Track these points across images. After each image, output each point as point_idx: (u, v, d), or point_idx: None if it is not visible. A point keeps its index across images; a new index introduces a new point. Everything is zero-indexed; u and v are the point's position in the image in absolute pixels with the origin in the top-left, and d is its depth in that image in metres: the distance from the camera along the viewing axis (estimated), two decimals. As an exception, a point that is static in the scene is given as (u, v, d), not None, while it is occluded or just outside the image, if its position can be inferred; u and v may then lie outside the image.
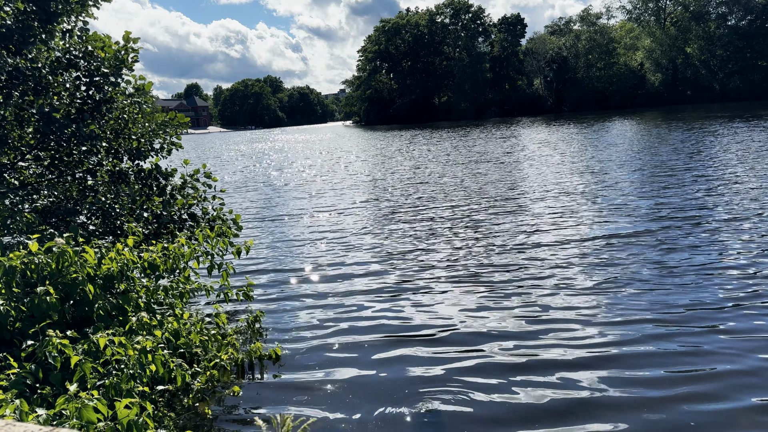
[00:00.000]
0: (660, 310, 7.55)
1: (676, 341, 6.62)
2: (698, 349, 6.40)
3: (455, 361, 6.45)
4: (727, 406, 5.27)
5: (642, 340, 6.68)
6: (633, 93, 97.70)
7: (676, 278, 8.72)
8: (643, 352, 6.41)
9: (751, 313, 7.26)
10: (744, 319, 7.10)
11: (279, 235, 14.28)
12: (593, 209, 14.47)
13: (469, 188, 19.68)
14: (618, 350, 6.47)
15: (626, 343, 6.64)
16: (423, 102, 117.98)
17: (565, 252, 10.61)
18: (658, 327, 7.03)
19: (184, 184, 9.10)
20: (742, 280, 8.47)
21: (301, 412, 5.50)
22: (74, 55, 8.01)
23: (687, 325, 7.05)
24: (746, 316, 7.18)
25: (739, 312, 7.34)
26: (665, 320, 7.22)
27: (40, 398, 4.43)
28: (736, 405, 5.27)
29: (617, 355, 6.36)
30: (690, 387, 5.61)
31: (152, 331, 5.54)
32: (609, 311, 7.62)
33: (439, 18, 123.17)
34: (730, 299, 7.77)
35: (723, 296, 7.90)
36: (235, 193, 23.29)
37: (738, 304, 7.60)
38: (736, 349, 6.35)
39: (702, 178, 18.02)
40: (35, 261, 5.31)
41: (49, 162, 8.41)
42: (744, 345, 6.43)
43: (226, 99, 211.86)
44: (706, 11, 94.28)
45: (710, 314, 7.34)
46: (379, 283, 9.54)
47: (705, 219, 12.43)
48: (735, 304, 7.61)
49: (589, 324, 7.25)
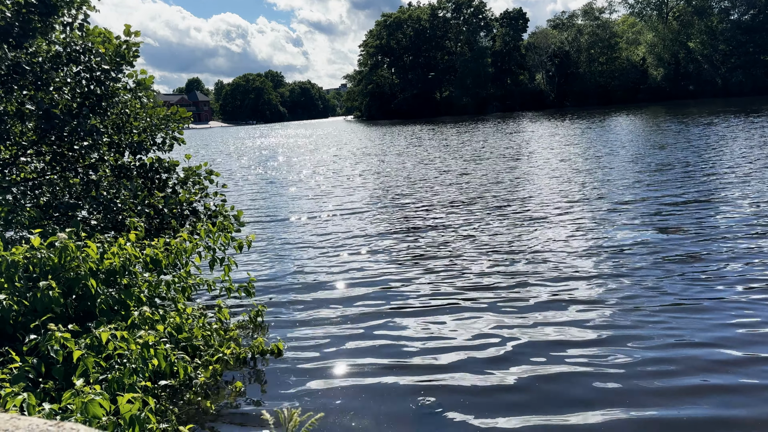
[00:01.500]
0: (683, 322, 7.53)
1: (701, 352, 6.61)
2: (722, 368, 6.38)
3: (460, 359, 6.44)
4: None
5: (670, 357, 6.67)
6: (635, 88, 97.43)
7: (698, 287, 8.70)
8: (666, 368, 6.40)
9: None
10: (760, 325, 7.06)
11: (282, 231, 14.28)
12: (624, 216, 14.44)
13: (484, 189, 19.66)
14: (627, 358, 6.46)
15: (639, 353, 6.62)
16: (424, 97, 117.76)
17: (581, 263, 10.59)
18: (680, 341, 7.02)
19: (186, 177, 9.10)
20: (758, 282, 8.45)
21: (306, 407, 5.50)
22: (75, 49, 8.00)
23: (709, 334, 7.04)
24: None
25: (756, 316, 7.31)
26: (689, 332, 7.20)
27: (43, 392, 4.44)
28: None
29: (626, 362, 6.36)
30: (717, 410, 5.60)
31: (155, 325, 5.54)
32: (622, 319, 7.61)
33: (440, 12, 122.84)
34: (746, 304, 7.74)
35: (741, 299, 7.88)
36: (236, 189, 23.28)
37: (755, 307, 7.56)
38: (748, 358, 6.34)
39: (714, 176, 17.98)
40: (38, 256, 5.31)
41: (50, 157, 8.41)
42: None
43: (228, 94, 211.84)
44: (709, 6, 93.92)
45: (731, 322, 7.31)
46: (384, 280, 9.53)
47: (719, 222, 12.41)
48: (750, 307, 7.58)
49: (601, 334, 7.24)
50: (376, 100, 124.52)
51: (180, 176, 9.20)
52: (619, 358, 6.15)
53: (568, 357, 6.26)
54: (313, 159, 35.51)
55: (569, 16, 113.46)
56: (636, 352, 6.26)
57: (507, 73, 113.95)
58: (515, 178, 20.15)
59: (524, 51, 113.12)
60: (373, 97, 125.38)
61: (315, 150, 43.72)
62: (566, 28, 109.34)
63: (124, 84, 8.77)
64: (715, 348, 6.28)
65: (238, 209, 9.10)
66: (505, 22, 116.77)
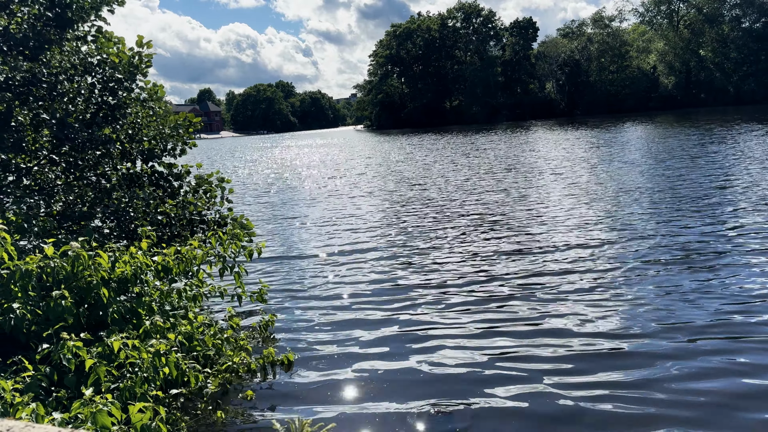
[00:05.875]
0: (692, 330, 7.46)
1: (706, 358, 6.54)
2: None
3: (471, 368, 6.39)
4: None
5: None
6: (646, 96, 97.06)
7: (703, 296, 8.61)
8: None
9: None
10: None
11: (293, 240, 14.30)
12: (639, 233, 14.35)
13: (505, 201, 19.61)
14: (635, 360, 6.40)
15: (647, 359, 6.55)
16: (434, 106, 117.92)
17: (589, 274, 10.52)
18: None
19: (198, 185, 9.14)
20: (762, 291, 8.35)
21: (317, 418, 5.48)
22: (89, 61, 8.09)
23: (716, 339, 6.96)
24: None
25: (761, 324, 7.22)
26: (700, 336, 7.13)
27: (55, 401, 4.45)
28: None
29: (633, 363, 6.29)
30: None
31: (166, 334, 5.55)
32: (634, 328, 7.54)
33: (450, 22, 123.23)
34: (752, 312, 7.66)
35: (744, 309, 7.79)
36: (251, 197, 23.37)
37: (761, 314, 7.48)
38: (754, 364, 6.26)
39: (730, 188, 17.84)
40: (51, 265, 5.34)
41: (64, 167, 8.49)
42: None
43: (239, 104, 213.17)
44: (720, 13, 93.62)
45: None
46: (395, 290, 9.50)
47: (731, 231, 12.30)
48: (757, 317, 7.49)
49: (607, 339, 7.18)
50: (386, 109, 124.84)
51: (192, 184, 9.25)
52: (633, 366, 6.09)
53: (582, 365, 6.20)
54: (326, 169, 35.61)
55: (579, 24, 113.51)
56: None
57: (517, 82, 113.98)
58: (525, 193, 20.10)
59: (534, 60, 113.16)
60: (383, 106, 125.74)
61: (325, 161, 43.85)
62: (576, 36, 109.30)
63: (137, 94, 8.85)
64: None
65: (247, 218, 9.12)
66: (515, 31, 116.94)
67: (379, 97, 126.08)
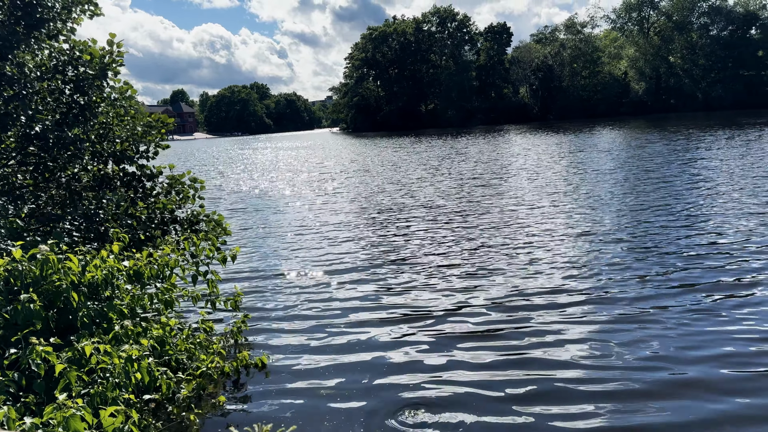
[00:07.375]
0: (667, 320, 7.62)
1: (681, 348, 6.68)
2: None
3: (447, 372, 6.44)
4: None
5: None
6: (618, 101, 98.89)
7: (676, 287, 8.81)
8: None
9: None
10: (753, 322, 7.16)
11: (267, 243, 14.22)
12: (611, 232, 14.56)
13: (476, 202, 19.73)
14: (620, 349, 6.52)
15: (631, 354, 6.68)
16: (410, 109, 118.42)
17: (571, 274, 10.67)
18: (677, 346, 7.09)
19: (170, 186, 9.03)
20: (741, 276, 8.57)
21: (287, 421, 5.47)
22: (61, 61, 7.96)
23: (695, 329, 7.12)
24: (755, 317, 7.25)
25: (746, 314, 7.41)
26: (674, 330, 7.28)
27: (23, 407, 4.37)
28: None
29: (616, 352, 6.41)
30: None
31: (138, 339, 5.49)
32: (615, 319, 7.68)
33: (425, 26, 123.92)
34: (731, 304, 7.85)
35: (721, 302, 7.99)
36: (226, 202, 23.18)
37: (741, 304, 7.67)
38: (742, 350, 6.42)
39: (696, 188, 18.25)
40: (19, 268, 5.24)
41: (33, 167, 8.32)
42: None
43: (213, 105, 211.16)
44: (689, 21, 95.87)
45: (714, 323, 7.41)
46: (369, 292, 9.52)
47: (704, 226, 12.59)
48: (737, 306, 7.68)
49: (594, 336, 7.30)
50: (362, 112, 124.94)
51: (164, 185, 9.13)
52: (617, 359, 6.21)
53: (570, 367, 6.29)
54: (301, 173, 35.47)
55: (552, 30, 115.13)
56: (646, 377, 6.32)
57: (491, 86, 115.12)
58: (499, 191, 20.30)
59: (508, 65, 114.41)
60: (358, 109, 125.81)
61: (304, 163, 43.70)
62: (549, 42, 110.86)
63: (108, 94, 8.71)
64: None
65: (220, 214, 9.02)
66: (490, 36, 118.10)
67: (354, 99, 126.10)
